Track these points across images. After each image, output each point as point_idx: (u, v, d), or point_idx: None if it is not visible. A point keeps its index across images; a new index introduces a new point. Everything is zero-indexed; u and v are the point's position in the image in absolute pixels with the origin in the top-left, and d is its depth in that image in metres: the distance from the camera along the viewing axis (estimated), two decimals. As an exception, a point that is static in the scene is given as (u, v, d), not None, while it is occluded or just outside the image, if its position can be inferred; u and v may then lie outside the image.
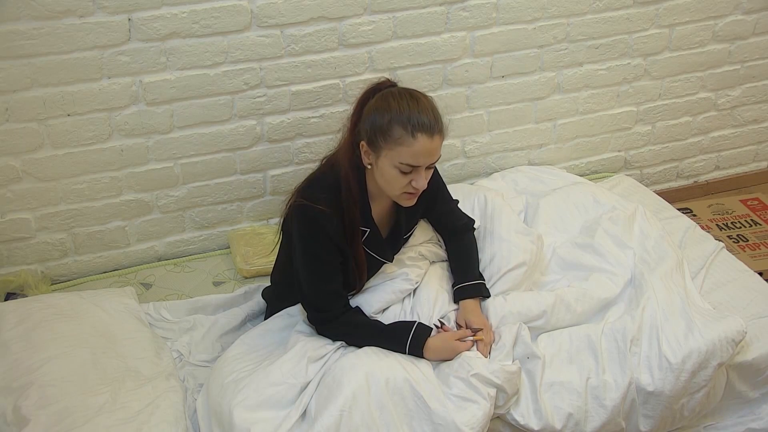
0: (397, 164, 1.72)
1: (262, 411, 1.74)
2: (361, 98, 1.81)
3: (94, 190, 2.29)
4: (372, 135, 1.74)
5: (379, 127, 1.72)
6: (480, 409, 1.75)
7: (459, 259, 2.11)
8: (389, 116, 1.71)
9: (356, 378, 1.73)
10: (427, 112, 1.72)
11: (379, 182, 1.81)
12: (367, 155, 1.78)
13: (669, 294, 2.05)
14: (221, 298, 2.25)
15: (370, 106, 1.76)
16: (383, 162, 1.74)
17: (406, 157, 1.71)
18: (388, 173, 1.75)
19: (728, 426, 2.11)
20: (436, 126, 1.72)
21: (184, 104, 2.24)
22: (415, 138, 1.69)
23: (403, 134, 1.69)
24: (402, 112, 1.70)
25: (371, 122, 1.74)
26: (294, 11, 2.20)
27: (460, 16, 2.41)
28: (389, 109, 1.72)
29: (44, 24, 1.99)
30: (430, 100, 1.77)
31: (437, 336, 1.88)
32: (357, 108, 1.80)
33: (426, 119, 1.70)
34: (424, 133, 1.70)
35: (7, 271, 2.31)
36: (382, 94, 1.77)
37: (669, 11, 2.67)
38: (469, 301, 2.00)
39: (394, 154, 1.71)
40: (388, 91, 1.78)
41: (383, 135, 1.71)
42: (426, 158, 1.73)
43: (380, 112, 1.72)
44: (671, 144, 3.03)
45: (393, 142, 1.70)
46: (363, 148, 1.78)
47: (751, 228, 2.93)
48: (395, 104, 1.72)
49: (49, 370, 1.82)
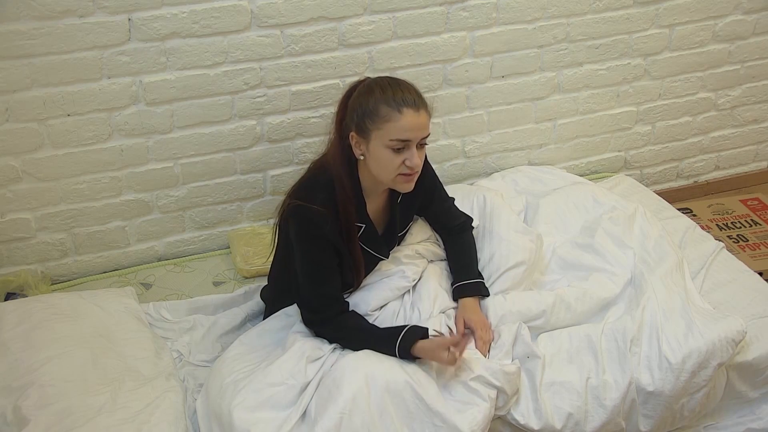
0: (388, 143, 1.76)
1: (261, 412, 1.74)
2: (344, 96, 1.86)
3: (94, 190, 2.29)
4: (360, 121, 1.78)
5: (365, 111, 1.77)
6: (480, 411, 1.75)
7: (458, 258, 2.11)
8: (373, 99, 1.76)
9: (356, 380, 1.73)
10: (409, 90, 1.78)
11: (374, 170, 1.82)
12: (358, 145, 1.81)
13: (669, 294, 2.05)
14: (221, 298, 2.25)
15: (354, 98, 1.81)
16: (374, 145, 1.78)
17: (395, 133, 1.75)
18: (381, 155, 1.78)
19: (728, 426, 2.11)
20: (420, 101, 1.78)
21: (184, 104, 2.24)
22: (402, 113, 1.74)
23: (389, 111, 1.74)
24: (385, 93, 1.76)
25: (357, 110, 1.79)
26: (294, 11, 2.20)
27: (460, 16, 2.41)
28: (372, 93, 1.78)
29: (44, 24, 1.99)
30: (411, 83, 1.83)
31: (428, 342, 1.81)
32: (341, 105, 1.85)
33: (409, 96, 1.76)
34: (409, 108, 1.75)
35: (7, 271, 2.31)
36: (363, 84, 1.83)
37: (669, 11, 2.67)
38: (468, 299, 2.01)
39: (383, 133, 1.75)
40: (368, 80, 1.84)
41: (370, 117, 1.76)
42: (415, 132, 1.76)
43: (364, 99, 1.78)
44: (671, 144, 3.03)
45: (380, 120, 1.75)
46: (353, 139, 1.81)
47: (751, 228, 2.93)
48: (377, 88, 1.78)
49: (49, 370, 1.82)
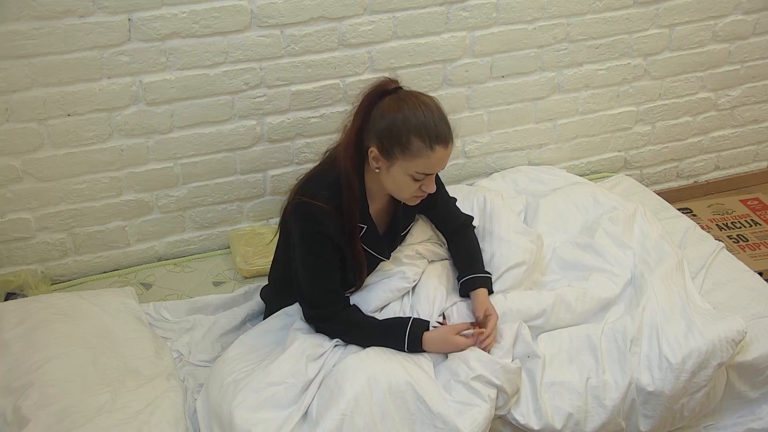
0: (413, 173, 1.75)
1: (262, 411, 1.74)
2: (367, 99, 1.78)
3: (94, 190, 2.29)
4: (387, 145, 1.74)
5: (396, 138, 1.72)
6: (481, 412, 1.75)
7: (464, 254, 2.11)
8: (406, 128, 1.71)
9: (358, 381, 1.73)
10: (443, 122, 1.75)
11: (388, 186, 1.83)
12: (377, 160, 1.78)
13: (669, 294, 2.05)
14: (221, 298, 2.25)
15: (381, 112, 1.75)
16: (396, 170, 1.77)
17: (422, 168, 1.74)
18: (400, 180, 1.78)
19: (728, 426, 2.11)
20: (450, 135, 1.76)
21: (184, 104, 2.24)
22: (434, 150, 1.72)
23: (422, 147, 1.72)
24: (419, 124, 1.71)
25: (385, 131, 1.74)
26: (294, 11, 2.20)
27: (460, 16, 2.41)
28: (405, 121, 1.72)
29: (44, 24, 1.99)
30: (440, 106, 1.78)
31: (436, 330, 1.89)
32: (362, 110, 1.79)
33: (442, 130, 1.73)
34: (441, 144, 1.73)
35: (7, 271, 2.31)
36: (392, 99, 1.76)
37: (669, 11, 2.67)
38: (482, 290, 2.00)
39: (410, 165, 1.74)
40: (398, 97, 1.76)
41: (401, 147, 1.72)
42: (440, 166, 1.78)
43: (395, 123, 1.72)
44: (671, 144, 3.03)
45: (411, 154, 1.73)
46: (373, 153, 1.78)
47: (751, 228, 2.93)
48: (411, 114, 1.72)
49: (49, 370, 1.82)
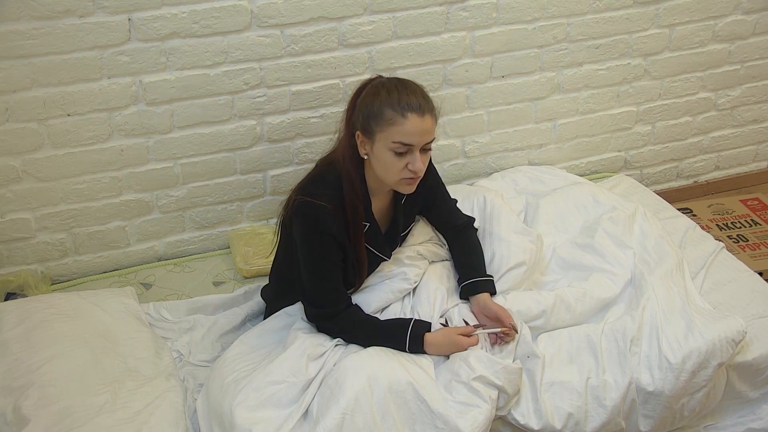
0: (391, 145, 1.76)
1: (263, 411, 1.74)
2: (354, 93, 1.86)
3: (94, 190, 2.29)
4: (365, 122, 1.79)
5: (371, 112, 1.77)
6: (482, 413, 1.75)
7: (466, 256, 2.11)
8: (379, 101, 1.77)
9: (359, 381, 1.73)
10: (416, 94, 1.78)
11: (377, 171, 1.83)
12: (363, 144, 1.82)
13: (669, 294, 2.05)
14: (221, 298, 2.25)
15: (362, 99, 1.82)
16: (378, 147, 1.78)
17: (398, 136, 1.75)
18: (384, 157, 1.78)
19: (728, 426, 2.11)
20: (426, 106, 1.78)
21: (184, 104, 2.24)
22: (406, 117, 1.74)
23: (394, 115, 1.75)
24: (391, 95, 1.77)
25: (364, 112, 1.79)
26: (294, 11, 2.20)
27: (460, 16, 2.41)
28: (379, 94, 1.78)
29: (44, 24, 1.99)
30: (419, 85, 1.83)
31: (438, 331, 1.89)
32: (351, 103, 1.86)
33: (414, 100, 1.76)
34: (414, 112, 1.75)
35: (7, 271, 2.31)
36: (372, 84, 1.84)
37: (669, 11, 2.67)
38: (485, 294, 2.00)
39: (386, 135, 1.76)
40: (378, 80, 1.84)
41: (375, 119, 1.77)
42: (418, 137, 1.76)
43: (371, 99, 1.79)
44: (671, 144, 3.03)
45: (384, 123, 1.75)
46: (359, 138, 1.82)
47: (751, 228, 2.93)
48: (384, 90, 1.78)
49: (49, 370, 1.82)
